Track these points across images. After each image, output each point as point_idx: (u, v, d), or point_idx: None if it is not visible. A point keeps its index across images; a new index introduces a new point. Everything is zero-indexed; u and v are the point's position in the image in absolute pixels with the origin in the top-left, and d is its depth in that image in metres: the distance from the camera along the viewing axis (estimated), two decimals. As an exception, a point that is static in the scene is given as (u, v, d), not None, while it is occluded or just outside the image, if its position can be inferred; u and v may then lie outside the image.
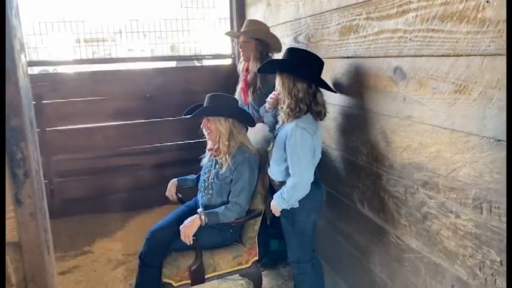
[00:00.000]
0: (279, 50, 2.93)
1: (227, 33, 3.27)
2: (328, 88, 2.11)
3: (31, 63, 4.19)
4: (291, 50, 2.19)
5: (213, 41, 4.49)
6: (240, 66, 3.12)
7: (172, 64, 4.90)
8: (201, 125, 2.43)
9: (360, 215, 2.18)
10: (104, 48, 4.25)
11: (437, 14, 1.47)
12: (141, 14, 4.21)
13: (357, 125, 2.14)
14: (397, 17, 1.71)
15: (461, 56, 1.39)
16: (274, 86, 2.25)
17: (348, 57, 2.15)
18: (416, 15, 1.59)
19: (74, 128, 3.91)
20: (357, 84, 2.09)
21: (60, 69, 4.73)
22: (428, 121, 1.58)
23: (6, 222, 0.60)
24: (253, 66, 2.88)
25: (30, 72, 4.16)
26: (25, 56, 0.64)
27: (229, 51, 4.22)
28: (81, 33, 3.96)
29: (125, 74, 4.01)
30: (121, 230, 3.82)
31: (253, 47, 2.88)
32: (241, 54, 3.03)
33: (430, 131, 1.58)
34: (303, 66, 2.07)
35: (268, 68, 2.28)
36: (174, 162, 4.09)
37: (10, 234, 0.61)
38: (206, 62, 4.46)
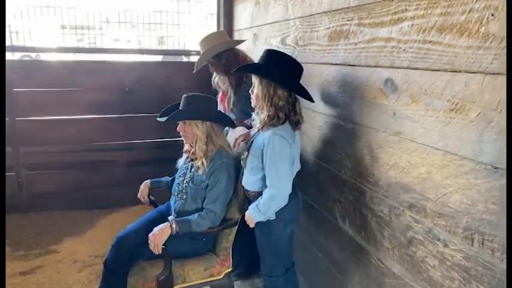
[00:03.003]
0: (239, 43, 2.88)
1: (196, 70, 2.96)
2: (308, 97, 1.99)
3: (12, 48, 3.98)
4: (270, 53, 2.02)
5: (199, 37, 4.32)
6: (215, 79, 3.01)
7: (159, 58, 4.73)
8: (177, 128, 2.28)
9: (341, 231, 2.07)
10: (89, 36, 4.04)
11: (436, 24, 1.36)
12: (130, 4, 4.01)
13: (341, 136, 2.02)
14: (391, 25, 1.59)
15: (460, 72, 1.27)
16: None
17: (336, 64, 2.03)
18: (412, 25, 1.48)
19: (45, 119, 3.69)
20: (344, 94, 1.97)
21: (44, 56, 4.53)
22: (420, 139, 1.47)
23: None
24: (226, 79, 2.81)
25: (8, 57, 3.95)
26: None
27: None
28: (67, 20, 3.75)
29: (104, 66, 3.81)
30: (91, 229, 3.63)
31: (218, 65, 2.77)
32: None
33: (420, 150, 1.47)
34: (285, 73, 1.94)
35: (247, 69, 2.15)
36: (149, 161, 3.94)
37: None
38: (193, 58, 4.30)
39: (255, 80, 2.02)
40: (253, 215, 2.05)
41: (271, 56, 1.99)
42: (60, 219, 3.73)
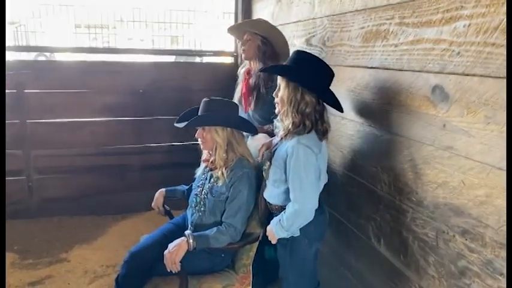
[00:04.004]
0: (286, 54, 2.55)
1: (229, 30, 2.77)
2: (338, 107, 1.81)
3: (27, 48, 3.89)
4: (300, 54, 1.84)
5: (215, 37, 4.19)
6: (242, 70, 2.78)
7: (172, 58, 4.59)
8: (196, 134, 2.12)
9: (375, 252, 1.88)
10: (103, 35, 3.93)
11: (501, 24, 1.17)
12: (143, 3, 3.89)
13: (377, 147, 1.83)
14: (441, 25, 1.40)
15: (533, 80, 1.08)
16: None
17: (372, 68, 1.84)
18: (469, 24, 1.28)
19: (57, 122, 3.56)
20: (381, 100, 1.78)
21: (58, 56, 4.44)
22: (477, 157, 1.28)
23: None
24: (256, 67, 2.54)
25: (25, 58, 3.84)
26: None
27: (231, 49, 3.89)
28: (81, 19, 3.64)
29: (117, 66, 3.66)
30: (103, 236, 3.49)
31: (257, 44, 2.52)
32: (242, 54, 2.65)
33: (478, 169, 1.28)
34: (316, 77, 1.76)
35: (274, 70, 1.96)
36: (164, 165, 3.79)
37: None
38: (207, 59, 4.13)
39: (280, 82, 1.83)
40: (276, 231, 1.88)
41: (302, 58, 1.81)
42: (71, 225, 3.60)
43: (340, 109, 1.81)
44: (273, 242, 1.95)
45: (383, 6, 1.72)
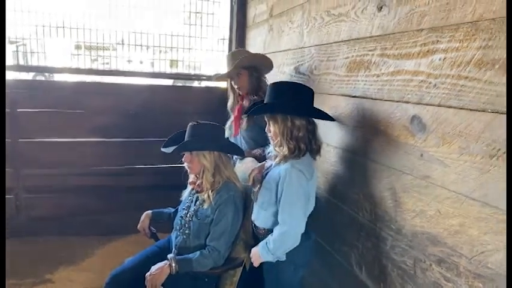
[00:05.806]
0: (270, 67, 2.67)
1: (216, 78, 2.95)
2: (329, 118, 1.88)
3: (26, 68, 3.93)
4: (276, 86, 1.91)
5: (211, 62, 4.25)
6: (230, 102, 2.85)
7: (169, 82, 4.67)
8: (183, 158, 2.13)
9: (357, 281, 1.87)
10: (104, 56, 3.97)
11: (474, 59, 1.21)
12: (144, 27, 3.95)
13: (360, 174, 1.85)
14: (419, 58, 1.45)
15: (503, 113, 1.11)
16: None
17: (355, 97, 1.88)
18: (444, 58, 1.33)
19: (48, 141, 3.58)
20: (363, 128, 1.81)
21: (57, 77, 4.49)
22: (452, 186, 1.30)
23: None
24: (252, 94, 2.64)
25: (24, 77, 3.85)
26: None
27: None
28: (82, 41, 3.69)
29: (111, 88, 3.70)
30: (89, 257, 3.45)
31: (247, 76, 2.62)
32: (238, 90, 2.73)
33: (452, 198, 1.30)
34: (299, 101, 1.82)
35: (258, 111, 1.98)
36: (154, 187, 3.77)
37: None
38: (204, 83, 4.22)
39: (268, 119, 1.89)
40: (261, 253, 1.87)
41: (279, 88, 1.89)
42: (58, 245, 3.56)
43: (332, 118, 1.89)
44: (255, 264, 1.95)
45: (366, 38, 1.77)
